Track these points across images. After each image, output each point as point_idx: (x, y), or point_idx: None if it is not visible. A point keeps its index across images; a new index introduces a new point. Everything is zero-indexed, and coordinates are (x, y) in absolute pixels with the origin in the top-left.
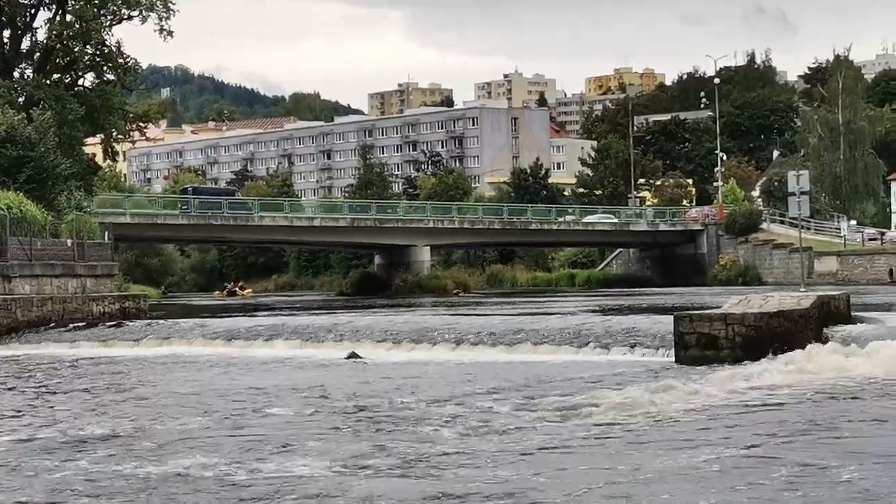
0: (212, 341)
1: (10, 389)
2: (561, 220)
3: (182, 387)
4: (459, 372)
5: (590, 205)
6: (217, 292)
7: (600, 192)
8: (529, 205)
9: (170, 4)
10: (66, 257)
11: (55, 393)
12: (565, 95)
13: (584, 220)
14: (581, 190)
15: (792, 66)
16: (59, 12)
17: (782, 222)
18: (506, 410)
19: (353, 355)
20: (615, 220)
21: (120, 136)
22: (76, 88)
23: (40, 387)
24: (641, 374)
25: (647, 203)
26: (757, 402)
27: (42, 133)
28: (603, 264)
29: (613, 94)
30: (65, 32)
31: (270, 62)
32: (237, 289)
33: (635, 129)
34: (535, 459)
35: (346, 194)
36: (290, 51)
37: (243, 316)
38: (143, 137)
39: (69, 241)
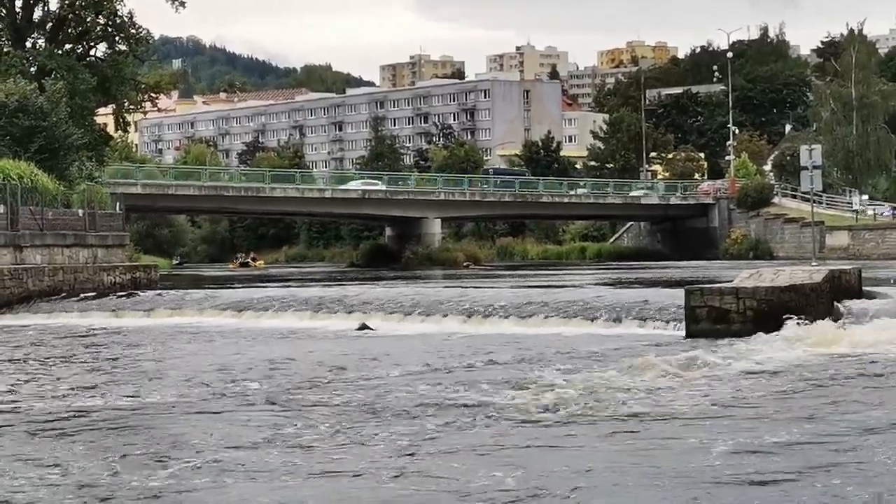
0: (222, 312)
1: (17, 360)
2: (572, 192)
3: (188, 358)
4: (472, 343)
5: (601, 178)
6: (231, 264)
7: (612, 165)
8: (541, 177)
9: None
10: (77, 227)
11: (65, 362)
12: (577, 68)
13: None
14: (592, 163)
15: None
16: None
17: (794, 196)
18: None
19: (363, 327)
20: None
21: (131, 107)
22: (88, 58)
23: (50, 357)
24: (651, 348)
25: (659, 176)
26: (758, 375)
27: (54, 103)
28: (614, 237)
29: (626, 67)
30: (77, 2)
31: (282, 34)
32: (250, 260)
33: (647, 102)
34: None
35: (358, 166)
36: (302, 22)
37: (254, 287)
38: (155, 108)
39: (80, 212)
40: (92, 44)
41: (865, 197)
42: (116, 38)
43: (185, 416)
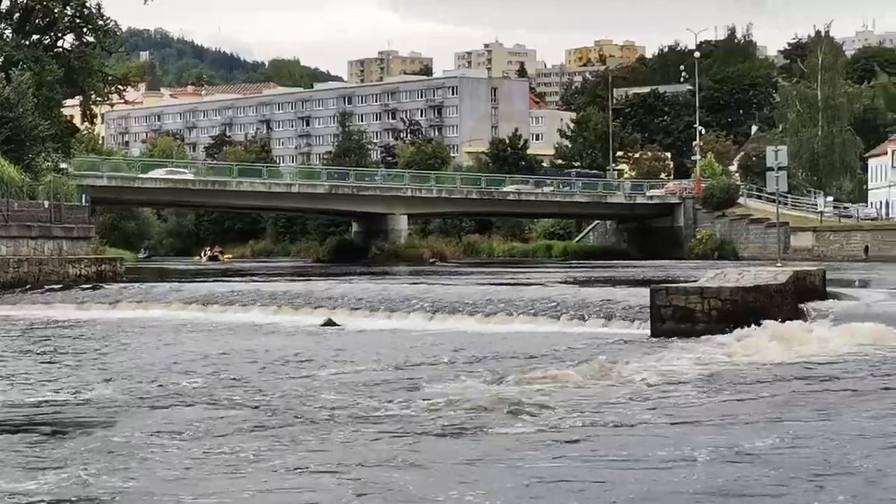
0: (187, 306)
1: None
2: (539, 190)
3: (142, 351)
4: (433, 341)
5: (568, 176)
6: (197, 257)
7: (578, 163)
8: (507, 175)
9: None
10: (42, 219)
11: (27, 354)
12: (545, 66)
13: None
14: (559, 161)
15: (772, 42)
16: None
17: (759, 197)
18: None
19: (329, 322)
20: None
21: (98, 99)
22: (55, 50)
23: (11, 349)
24: (616, 346)
25: (625, 175)
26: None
27: (20, 94)
28: (580, 236)
29: (593, 65)
30: None
31: (250, 28)
32: (218, 254)
33: (614, 101)
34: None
35: (325, 161)
36: (270, 16)
37: (220, 281)
38: (122, 100)
39: (46, 203)
40: (59, 35)
41: (830, 198)
42: (84, 30)
43: (115, 412)
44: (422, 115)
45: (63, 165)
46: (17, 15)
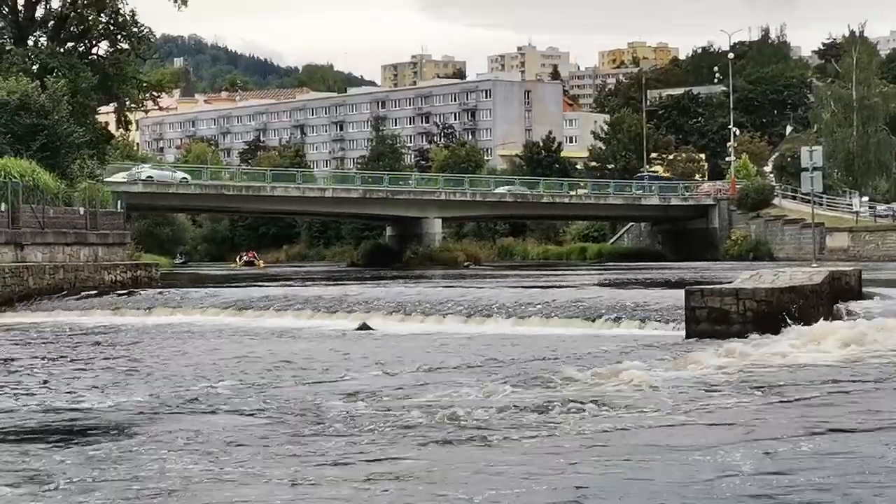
0: (223, 311)
1: (16, 359)
2: (573, 193)
3: (175, 357)
4: (465, 345)
5: (602, 178)
6: (233, 263)
7: (612, 165)
8: (541, 178)
9: None
10: (78, 226)
11: (63, 361)
12: (578, 69)
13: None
14: (593, 164)
15: (806, 42)
16: None
17: (794, 198)
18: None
19: (363, 326)
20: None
21: (133, 105)
22: (90, 57)
23: (49, 355)
24: (652, 349)
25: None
26: (759, 376)
27: (55, 101)
28: (614, 238)
29: (627, 67)
30: (79, 0)
31: (284, 33)
32: (253, 259)
33: (648, 103)
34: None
35: (359, 166)
36: (304, 22)
37: (254, 286)
38: (156, 107)
39: (81, 210)
40: (94, 42)
41: (866, 198)
42: (118, 37)
43: (147, 418)
44: (455, 119)
45: (98, 172)
46: (51, 23)
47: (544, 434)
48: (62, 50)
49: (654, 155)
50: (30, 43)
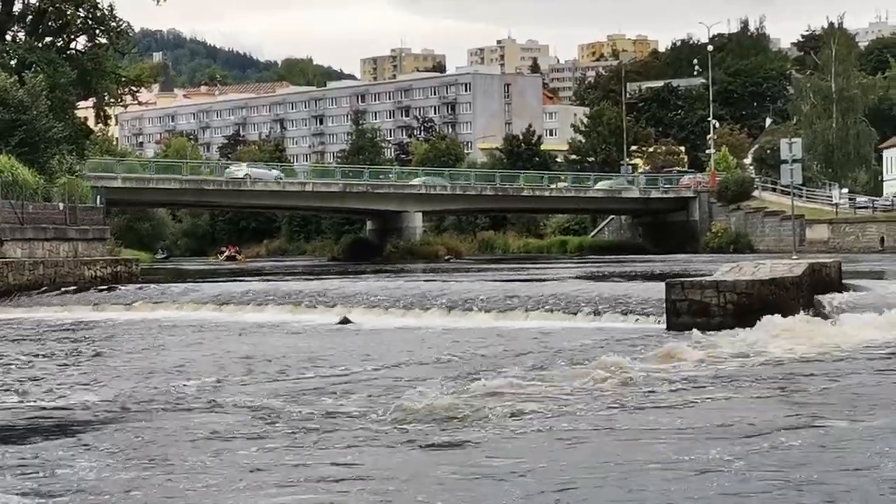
0: (203, 306)
1: None
2: (553, 186)
3: (151, 352)
4: (449, 338)
5: (582, 171)
6: (213, 257)
7: (592, 158)
8: (522, 171)
9: None
10: (57, 221)
11: (40, 357)
12: (558, 62)
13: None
14: (573, 157)
15: (785, 34)
16: None
17: (774, 190)
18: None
19: (344, 321)
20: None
21: (112, 100)
22: (68, 52)
23: (29, 352)
24: (632, 341)
25: (640, 170)
26: (738, 369)
27: (34, 96)
28: (595, 231)
29: (606, 60)
30: None
31: (263, 27)
32: (235, 253)
33: (628, 95)
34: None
35: (339, 160)
36: (282, 16)
37: (235, 280)
38: (135, 101)
39: (61, 205)
40: (72, 37)
41: (845, 190)
42: (97, 32)
43: (115, 416)
44: (435, 112)
45: (77, 167)
46: (29, 17)
47: (518, 431)
48: (40, 45)
49: (633, 147)
50: (7, 38)
